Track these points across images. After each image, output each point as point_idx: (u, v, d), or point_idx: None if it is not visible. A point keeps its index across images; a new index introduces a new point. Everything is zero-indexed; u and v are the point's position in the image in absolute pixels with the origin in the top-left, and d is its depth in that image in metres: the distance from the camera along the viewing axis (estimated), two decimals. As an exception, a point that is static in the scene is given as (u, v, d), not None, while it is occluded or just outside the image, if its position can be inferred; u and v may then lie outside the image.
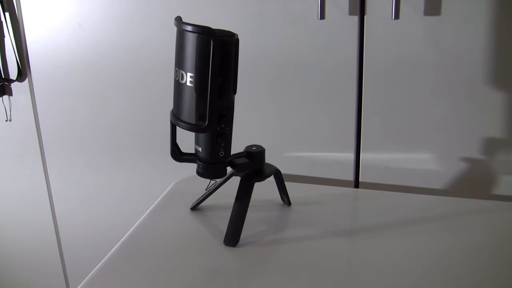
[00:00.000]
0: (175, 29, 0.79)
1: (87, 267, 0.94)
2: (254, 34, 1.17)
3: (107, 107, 1.35)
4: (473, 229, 0.93)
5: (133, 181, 1.41)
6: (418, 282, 0.79)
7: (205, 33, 0.76)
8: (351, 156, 1.19)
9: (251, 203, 0.91)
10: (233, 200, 0.91)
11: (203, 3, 1.18)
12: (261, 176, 0.93)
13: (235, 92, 0.83)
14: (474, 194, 1.13)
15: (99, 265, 0.85)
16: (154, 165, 1.37)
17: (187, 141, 0.93)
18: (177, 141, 0.88)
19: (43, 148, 1.46)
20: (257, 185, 0.92)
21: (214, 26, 0.76)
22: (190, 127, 0.81)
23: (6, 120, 1.46)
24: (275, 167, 0.96)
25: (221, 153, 0.85)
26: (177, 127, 0.84)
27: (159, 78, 1.28)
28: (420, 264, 0.83)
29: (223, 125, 0.83)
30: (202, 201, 1.02)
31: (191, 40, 0.77)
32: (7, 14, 1.35)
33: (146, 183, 1.40)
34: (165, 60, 1.25)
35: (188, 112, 0.81)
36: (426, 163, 1.14)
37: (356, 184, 1.21)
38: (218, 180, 0.99)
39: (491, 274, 0.80)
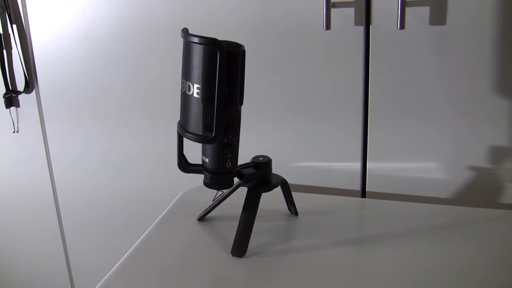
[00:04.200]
0: (181, 39, 0.80)
1: (94, 279, 0.94)
2: (259, 45, 1.17)
3: (114, 117, 1.36)
4: (480, 238, 0.93)
5: (140, 190, 1.41)
6: (426, 292, 0.79)
7: (211, 45, 0.76)
8: (358, 165, 1.19)
9: (258, 213, 0.91)
10: (240, 211, 0.91)
11: (207, 13, 1.18)
12: (268, 187, 0.93)
13: (241, 103, 0.83)
14: (481, 203, 1.12)
15: (107, 275, 0.85)
16: (161, 175, 1.37)
17: (195, 152, 0.93)
18: (184, 152, 0.88)
19: (50, 159, 1.46)
20: (264, 196, 0.92)
21: (218, 36, 0.77)
22: (197, 138, 0.81)
23: (14, 132, 1.47)
24: (282, 177, 0.96)
25: (228, 164, 0.85)
26: (184, 138, 0.85)
27: (167, 88, 1.28)
28: (428, 273, 0.82)
29: (230, 136, 0.83)
30: (209, 212, 1.02)
31: (197, 51, 0.77)
32: (14, 26, 1.36)
33: (153, 193, 1.40)
34: (172, 70, 1.26)
35: (195, 123, 0.81)
36: (433, 172, 1.14)
37: (363, 193, 1.21)
38: (225, 190, 0.99)
39: (499, 283, 0.80)
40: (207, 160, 0.85)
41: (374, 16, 1.08)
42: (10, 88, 1.42)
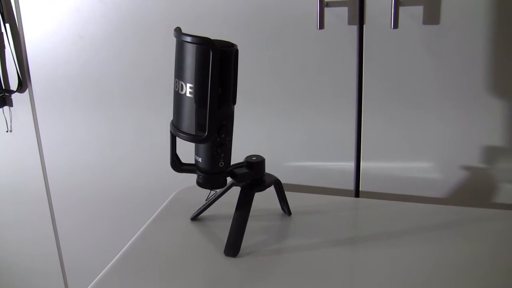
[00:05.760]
0: (175, 39, 0.79)
1: (88, 279, 0.94)
2: (252, 44, 1.17)
3: (107, 117, 1.35)
4: (474, 237, 0.93)
5: (134, 190, 1.41)
6: (419, 291, 0.79)
7: (204, 44, 0.76)
8: (351, 165, 1.19)
9: (251, 213, 0.90)
10: (233, 210, 0.91)
11: (202, 12, 1.18)
12: (261, 186, 0.93)
13: (234, 103, 0.83)
14: (475, 202, 1.12)
15: (100, 275, 0.85)
16: (155, 175, 1.37)
17: (188, 151, 0.93)
18: (177, 151, 0.88)
19: (43, 159, 1.46)
20: (258, 195, 0.91)
21: (211, 35, 0.77)
22: (190, 138, 0.81)
23: (7, 131, 1.46)
24: (275, 177, 0.96)
25: (221, 163, 0.85)
26: (177, 138, 0.84)
27: (161, 87, 1.28)
28: (422, 273, 0.82)
29: (222, 136, 0.83)
30: (203, 211, 1.02)
31: (190, 51, 0.77)
32: (7, 25, 1.36)
33: (146, 193, 1.39)
34: (166, 69, 1.25)
35: (188, 122, 0.81)
36: (427, 171, 1.14)
37: (357, 193, 1.21)
38: (218, 190, 0.99)
39: (492, 283, 0.80)
40: (200, 159, 0.85)
41: (368, 16, 1.08)
42: (3, 87, 1.42)
